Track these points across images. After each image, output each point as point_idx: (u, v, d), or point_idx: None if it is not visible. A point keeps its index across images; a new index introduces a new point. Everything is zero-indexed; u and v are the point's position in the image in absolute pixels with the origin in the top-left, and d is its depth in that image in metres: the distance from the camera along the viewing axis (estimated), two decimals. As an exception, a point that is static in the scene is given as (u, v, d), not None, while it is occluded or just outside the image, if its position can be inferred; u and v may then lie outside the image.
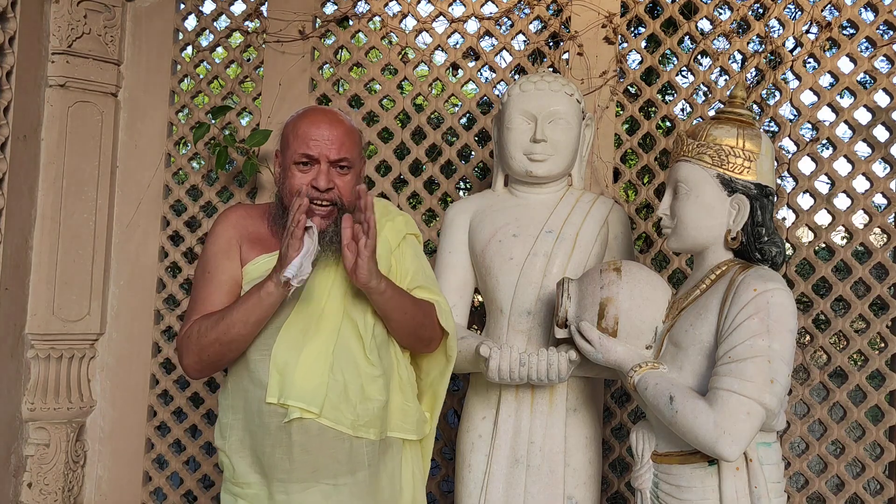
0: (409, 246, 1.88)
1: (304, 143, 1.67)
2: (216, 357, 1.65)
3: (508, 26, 2.75)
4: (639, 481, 1.72)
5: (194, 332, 1.65)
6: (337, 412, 1.65)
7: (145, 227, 2.88)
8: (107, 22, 2.82)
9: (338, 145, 1.68)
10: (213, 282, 1.72)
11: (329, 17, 2.79)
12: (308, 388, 1.62)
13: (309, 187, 1.66)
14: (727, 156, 1.66)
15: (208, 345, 1.62)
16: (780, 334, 1.51)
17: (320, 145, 1.67)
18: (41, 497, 2.69)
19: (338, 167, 1.70)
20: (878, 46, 2.45)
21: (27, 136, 2.63)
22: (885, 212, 2.42)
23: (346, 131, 1.71)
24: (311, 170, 1.68)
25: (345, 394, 1.66)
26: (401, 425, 1.78)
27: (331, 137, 1.68)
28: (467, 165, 2.76)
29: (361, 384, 1.68)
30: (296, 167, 1.69)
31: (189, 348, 1.66)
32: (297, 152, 1.68)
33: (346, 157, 1.70)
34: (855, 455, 2.42)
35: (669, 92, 4.09)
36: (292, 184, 1.69)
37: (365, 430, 1.68)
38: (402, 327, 1.74)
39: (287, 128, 1.74)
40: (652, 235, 2.60)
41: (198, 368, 1.68)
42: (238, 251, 1.74)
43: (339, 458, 1.66)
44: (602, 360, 1.75)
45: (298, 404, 1.61)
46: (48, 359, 2.71)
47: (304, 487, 1.66)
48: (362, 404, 1.67)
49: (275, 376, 1.64)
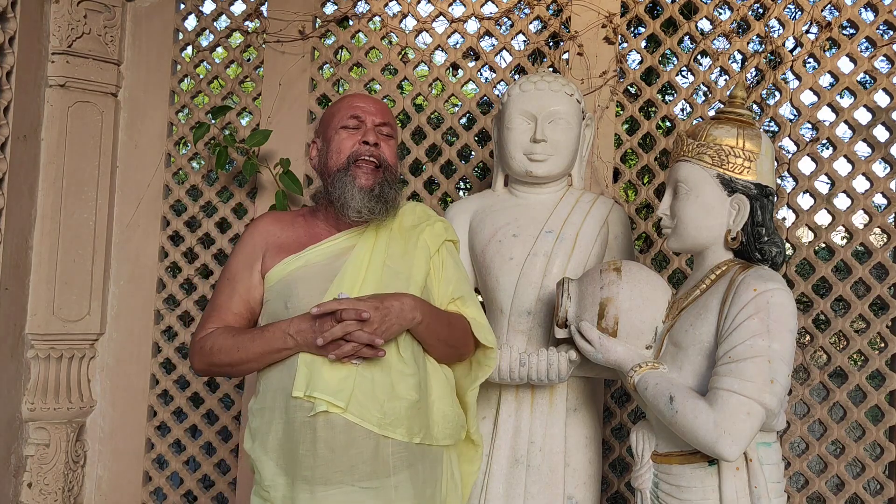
0: (450, 254, 1.91)
1: (351, 108, 1.82)
2: (224, 373, 1.85)
3: (508, 26, 2.75)
4: (639, 481, 1.72)
5: (208, 345, 1.74)
6: (363, 409, 1.62)
7: (145, 227, 2.88)
8: (107, 22, 2.82)
9: (382, 111, 1.85)
10: (232, 289, 1.82)
11: (329, 17, 2.79)
12: (334, 381, 1.62)
13: (358, 145, 1.78)
14: (727, 156, 1.66)
15: (219, 364, 1.75)
16: (780, 334, 1.51)
17: (366, 109, 1.82)
18: (41, 497, 2.70)
19: (381, 132, 1.82)
20: (878, 46, 2.45)
21: (27, 136, 2.63)
22: (885, 212, 2.42)
23: (385, 106, 1.89)
24: (358, 131, 1.80)
25: (372, 390, 1.64)
26: (443, 432, 1.76)
27: (375, 106, 1.85)
28: (467, 165, 2.76)
29: (391, 381, 1.66)
30: (344, 130, 1.80)
31: (201, 357, 1.76)
32: (344, 116, 1.81)
33: (389, 122, 1.85)
34: (855, 455, 2.41)
35: (669, 92, 4.09)
36: (340, 144, 1.80)
37: (392, 430, 1.65)
38: (437, 350, 1.79)
39: (327, 110, 1.89)
40: (652, 235, 2.60)
41: (204, 372, 1.83)
42: (261, 260, 1.81)
43: (364, 457, 1.63)
44: (602, 360, 1.75)
45: (324, 397, 1.61)
46: (48, 359, 2.71)
47: (328, 488, 1.63)
48: (390, 402, 1.65)
49: (302, 370, 1.64)
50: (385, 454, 1.65)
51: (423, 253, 1.81)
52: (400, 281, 1.74)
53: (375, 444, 1.64)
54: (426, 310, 1.71)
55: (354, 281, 1.71)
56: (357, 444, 1.63)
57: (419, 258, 1.80)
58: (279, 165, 2.63)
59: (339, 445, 1.62)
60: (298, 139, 2.77)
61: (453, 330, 1.78)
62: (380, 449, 1.65)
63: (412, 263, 1.79)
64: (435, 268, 1.84)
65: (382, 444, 1.65)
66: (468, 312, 1.83)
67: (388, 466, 1.65)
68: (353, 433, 1.63)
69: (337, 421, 1.62)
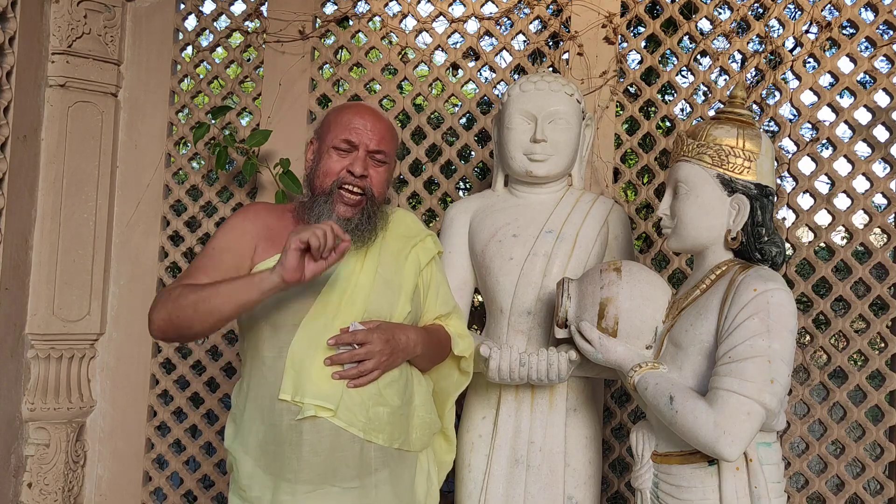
0: (438, 268, 1.93)
1: (346, 130, 1.74)
2: (185, 322, 1.58)
3: (508, 26, 2.75)
4: (639, 481, 1.72)
5: (175, 292, 1.61)
6: (351, 414, 1.64)
7: (145, 227, 2.88)
8: (107, 22, 2.82)
9: (378, 137, 1.75)
10: (218, 258, 1.69)
11: (329, 17, 2.79)
12: (325, 386, 1.62)
13: (344, 172, 1.72)
14: (727, 156, 1.66)
15: (183, 306, 1.57)
16: (780, 334, 1.51)
17: (361, 133, 1.73)
18: (41, 497, 2.70)
19: (374, 159, 1.76)
20: (878, 46, 2.45)
21: (27, 136, 2.63)
22: (885, 212, 2.42)
23: (387, 127, 1.79)
24: (349, 156, 1.74)
25: (359, 396, 1.65)
26: (420, 439, 1.79)
27: (373, 128, 1.75)
28: (467, 165, 2.76)
29: (378, 387, 1.68)
30: (335, 151, 1.74)
31: (164, 304, 1.61)
32: (338, 137, 1.74)
33: (385, 150, 1.76)
34: (855, 455, 2.41)
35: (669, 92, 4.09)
36: (329, 166, 1.73)
37: (375, 434, 1.67)
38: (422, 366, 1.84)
39: (330, 115, 1.81)
40: (652, 235, 2.60)
41: (162, 327, 1.62)
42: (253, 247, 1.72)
43: (348, 461, 1.65)
44: (602, 360, 1.75)
45: (315, 402, 1.61)
46: (48, 359, 2.71)
47: (311, 489, 1.64)
48: (374, 408, 1.67)
49: (290, 373, 1.63)
50: (368, 457, 1.67)
51: (413, 266, 1.83)
52: (391, 289, 1.76)
53: (360, 448, 1.66)
54: (425, 340, 1.77)
55: (346, 285, 1.71)
56: (342, 448, 1.64)
57: (409, 270, 1.81)
58: (279, 165, 2.63)
59: (324, 449, 1.63)
60: (298, 139, 2.77)
61: (441, 350, 1.85)
62: (363, 452, 1.67)
63: (402, 273, 1.80)
64: (424, 281, 1.87)
65: (366, 447, 1.67)
66: (451, 327, 1.89)
67: (370, 468, 1.68)
68: (340, 438, 1.64)
69: (324, 425, 1.63)
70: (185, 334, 1.63)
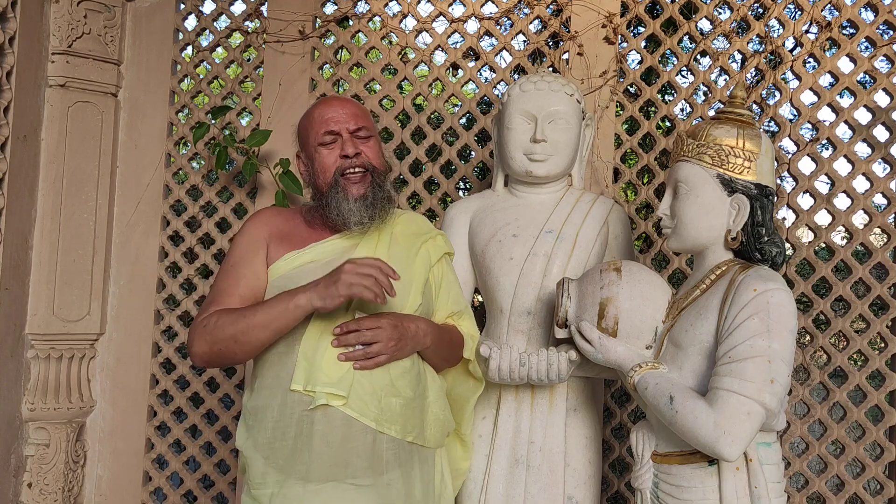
0: (449, 266, 1.94)
1: (322, 124, 1.79)
2: (227, 353, 1.65)
3: (508, 26, 2.75)
4: (639, 481, 1.72)
5: (211, 323, 1.65)
6: (362, 403, 1.63)
7: (145, 227, 2.88)
8: (107, 22, 2.82)
9: (353, 117, 1.80)
10: (235, 274, 1.74)
11: (329, 17, 2.79)
12: (335, 374, 1.62)
13: (339, 160, 1.77)
14: (727, 156, 1.66)
15: (223, 339, 1.63)
16: (780, 334, 1.51)
17: (337, 121, 1.79)
18: (41, 497, 2.70)
19: (358, 136, 1.80)
20: (878, 46, 2.45)
21: (27, 136, 2.63)
22: (885, 212, 2.42)
23: (356, 105, 1.85)
24: (336, 145, 1.79)
25: (371, 385, 1.65)
26: (434, 436, 1.79)
27: (345, 112, 1.80)
28: (467, 165, 2.76)
29: (390, 378, 1.67)
30: (322, 147, 1.79)
31: (203, 337, 1.65)
32: (318, 134, 1.79)
33: (363, 125, 1.81)
34: (855, 455, 2.41)
35: (669, 92, 4.09)
36: (323, 162, 1.79)
37: (388, 426, 1.66)
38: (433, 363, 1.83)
39: (302, 122, 1.86)
40: (652, 235, 2.60)
41: (205, 359, 1.68)
42: (265, 249, 1.77)
43: (360, 452, 1.63)
44: (602, 360, 1.75)
45: (326, 389, 1.61)
46: (48, 359, 2.71)
47: (321, 484, 1.63)
48: (387, 398, 1.66)
49: (302, 363, 1.64)
50: (380, 450, 1.66)
51: (424, 261, 1.84)
52: (401, 282, 1.74)
53: (373, 439, 1.65)
54: (436, 334, 1.77)
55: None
56: (354, 438, 1.63)
57: (419, 265, 1.82)
58: (279, 165, 2.63)
59: (336, 440, 1.62)
60: (298, 139, 2.77)
61: (453, 348, 1.85)
62: (376, 444, 1.66)
63: (413, 267, 1.81)
64: (434, 278, 1.87)
65: (378, 439, 1.66)
66: (464, 328, 1.90)
67: (382, 463, 1.66)
68: (351, 428, 1.63)
69: (336, 415, 1.63)
70: (228, 362, 1.72)
